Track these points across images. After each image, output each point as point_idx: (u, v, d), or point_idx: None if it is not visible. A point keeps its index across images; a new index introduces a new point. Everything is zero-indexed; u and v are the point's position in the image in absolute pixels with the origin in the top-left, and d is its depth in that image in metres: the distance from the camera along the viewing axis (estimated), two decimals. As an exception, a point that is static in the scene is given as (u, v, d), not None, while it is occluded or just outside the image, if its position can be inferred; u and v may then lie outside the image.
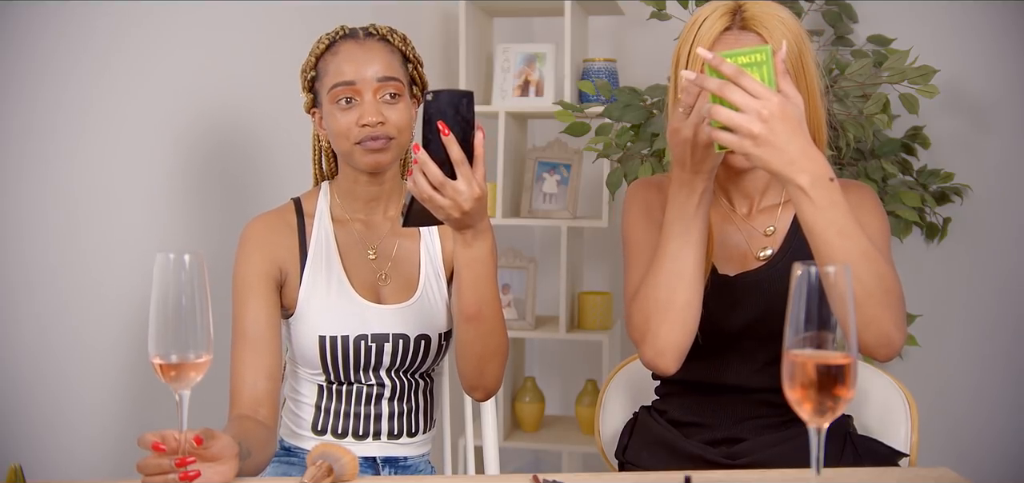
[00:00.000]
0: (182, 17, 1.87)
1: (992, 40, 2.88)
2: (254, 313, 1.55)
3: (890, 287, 1.32)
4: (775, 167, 1.24)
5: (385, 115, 1.55)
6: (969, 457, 2.90)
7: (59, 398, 1.64)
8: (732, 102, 1.22)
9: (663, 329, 1.42)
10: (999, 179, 2.89)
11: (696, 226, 1.39)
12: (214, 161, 1.99)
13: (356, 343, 1.57)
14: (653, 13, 2.61)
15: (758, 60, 1.25)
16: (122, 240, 1.75)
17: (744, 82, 1.22)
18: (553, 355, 3.46)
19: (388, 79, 1.56)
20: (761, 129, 1.21)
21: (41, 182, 1.60)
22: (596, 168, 3.12)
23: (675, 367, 1.44)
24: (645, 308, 1.43)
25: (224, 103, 2.01)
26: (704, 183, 1.38)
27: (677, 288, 1.40)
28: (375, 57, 1.57)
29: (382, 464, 1.63)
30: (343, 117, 1.55)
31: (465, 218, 1.35)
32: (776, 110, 1.21)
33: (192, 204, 1.93)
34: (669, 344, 1.42)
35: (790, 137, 1.23)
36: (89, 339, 1.69)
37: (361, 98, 1.55)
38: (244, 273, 1.57)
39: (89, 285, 1.69)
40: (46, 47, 1.60)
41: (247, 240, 1.59)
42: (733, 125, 1.22)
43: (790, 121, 1.23)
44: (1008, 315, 2.92)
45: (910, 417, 1.62)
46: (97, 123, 1.69)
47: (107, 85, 1.71)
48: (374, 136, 1.54)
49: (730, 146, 1.24)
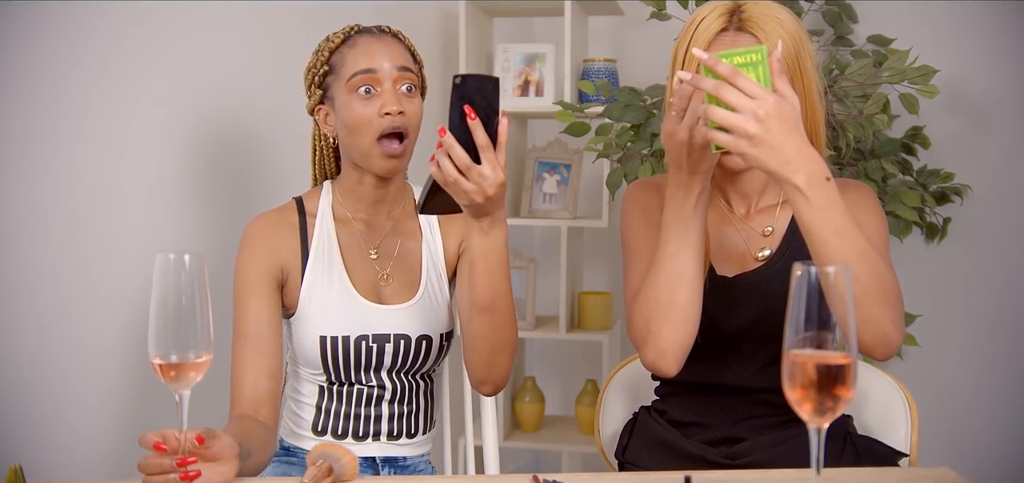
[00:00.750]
0: (182, 17, 1.87)
1: (992, 40, 2.88)
2: (256, 312, 1.55)
3: (888, 286, 1.32)
4: (771, 167, 1.24)
5: (405, 105, 1.55)
6: (969, 457, 2.91)
7: (59, 398, 1.64)
8: (728, 102, 1.22)
9: (664, 330, 1.42)
10: (999, 179, 2.89)
11: (694, 227, 1.39)
12: (214, 161, 1.99)
13: (357, 343, 1.57)
14: (653, 13, 2.61)
15: (754, 60, 1.25)
16: (122, 240, 1.75)
17: (740, 82, 1.22)
18: (553, 355, 3.46)
19: (407, 70, 1.56)
20: (757, 129, 1.21)
21: (41, 182, 1.60)
22: (596, 168, 3.12)
23: (677, 368, 1.44)
24: (646, 310, 1.43)
25: (224, 103, 2.01)
26: (701, 184, 1.38)
27: (677, 288, 1.40)
28: (393, 49, 1.57)
29: (382, 464, 1.63)
30: (363, 107, 1.54)
31: (487, 204, 1.34)
32: (772, 110, 1.22)
33: (192, 204, 1.93)
34: (671, 345, 1.42)
35: (786, 137, 1.23)
36: (89, 339, 1.69)
37: (381, 87, 1.54)
38: (245, 272, 1.57)
39: (89, 285, 1.69)
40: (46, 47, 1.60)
41: (248, 239, 1.59)
42: (729, 125, 1.23)
43: (786, 121, 1.23)
44: (1008, 315, 2.92)
45: (910, 417, 1.62)
46: (97, 123, 1.69)
47: (107, 85, 1.71)
48: (395, 126, 1.53)
49: (726, 146, 1.24)
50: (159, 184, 1.85)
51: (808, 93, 1.44)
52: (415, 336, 1.59)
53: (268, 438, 1.48)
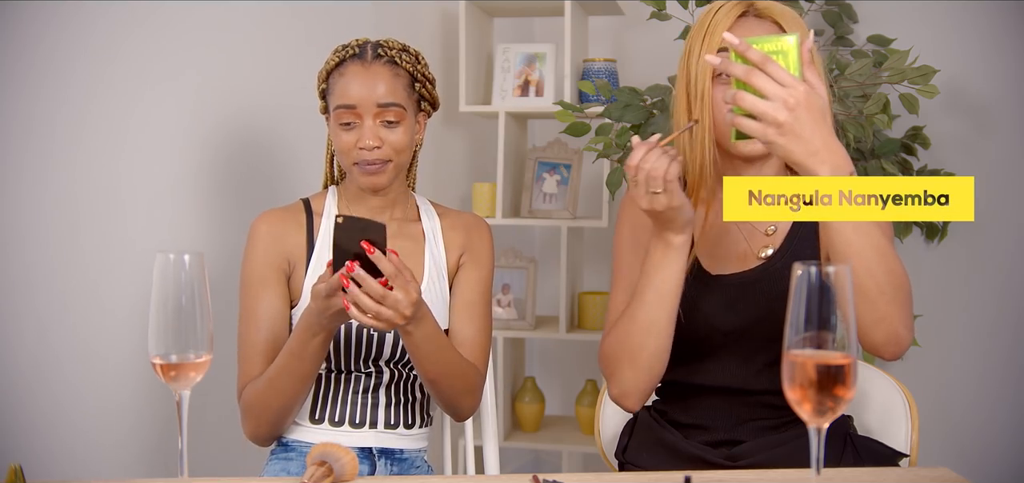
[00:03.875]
0: (181, 17, 1.87)
1: (992, 40, 2.88)
2: (267, 301, 1.59)
3: (901, 283, 1.32)
4: (798, 157, 1.22)
5: (383, 138, 1.60)
6: (969, 457, 2.90)
7: (59, 398, 1.64)
8: (758, 88, 1.20)
9: (628, 374, 1.46)
10: (999, 179, 2.88)
11: (671, 279, 1.41)
12: (214, 162, 1.99)
13: (358, 331, 1.59)
14: (653, 13, 2.61)
15: (783, 48, 1.23)
16: (122, 240, 1.75)
17: (771, 69, 1.20)
18: (553, 355, 3.46)
19: (389, 106, 1.60)
20: (787, 117, 1.20)
21: (41, 182, 1.60)
22: (596, 168, 3.12)
23: (637, 407, 1.51)
24: (615, 350, 1.47)
25: (224, 103, 2.01)
26: (679, 238, 1.39)
27: (648, 338, 1.44)
28: (379, 81, 1.60)
29: (378, 455, 1.64)
30: (344, 136, 1.60)
31: (407, 323, 1.41)
32: (802, 99, 1.20)
33: (192, 204, 1.93)
34: (632, 389, 1.47)
35: (815, 128, 1.21)
36: (89, 339, 1.69)
37: (361, 121, 1.59)
38: (254, 263, 1.61)
39: (89, 285, 1.69)
40: (46, 46, 1.60)
41: (257, 233, 1.63)
42: (758, 112, 1.21)
43: (815, 112, 1.21)
44: (1008, 315, 2.92)
45: (910, 417, 1.62)
46: (97, 123, 1.69)
47: (107, 85, 1.71)
48: (370, 160, 1.59)
49: (753, 133, 1.23)
50: (159, 184, 1.84)
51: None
52: None
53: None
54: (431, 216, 1.73)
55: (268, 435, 1.59)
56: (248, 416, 1.57)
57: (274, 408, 1.55)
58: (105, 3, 1.69)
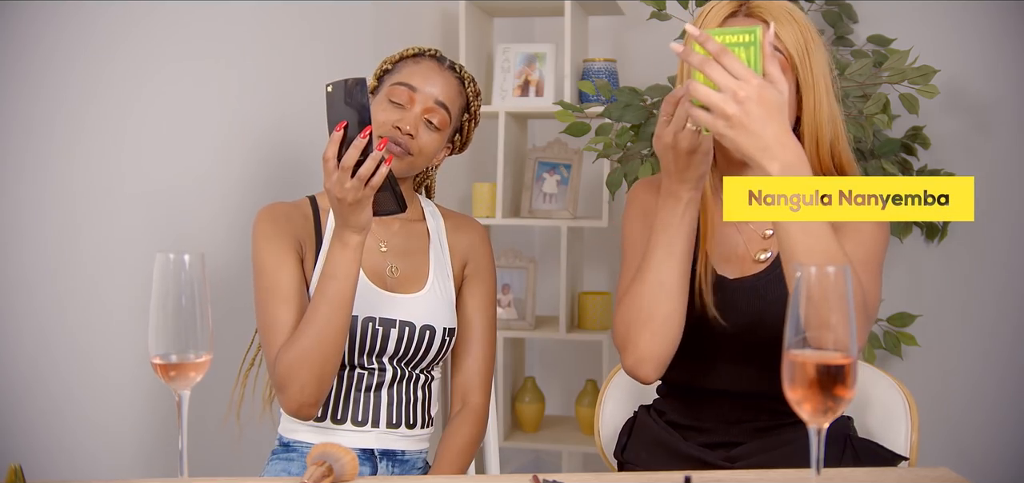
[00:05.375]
0: (181, 17, 1.87)
1: (992, 40, 2.88)
2: (288, 270, 1.58)
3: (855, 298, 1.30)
4: (747, 151, 1.21)
5: (419, 133, 1.63)
6: (969, 457, 2.90)
7: (58, 398, 1.64)
8: (712, 80, 1.20)
9: (643, 338, 1.43)
10: (999, 179, 2.88)
11: (680, 237, 1.40)
12: (214, 161, 1.99)
13: (363, 325, 1.59)
14: (653, 13, 2.61)
15: (746, 41, 1.22)
16: (121, 240, 1.75)
17: (726, 61, 1.20)
18: (553, 355, 3.46)
19: (440, 106, 1.64)
20: (735, 110, 1.19)
21: (41, 182, 1.60)
22: (596, 168, 3.12)
23: (655, 376, 1.46)
24: (627, 317, 1.44)
25: (224, 103, 2.01)
26: (689, 193, 1.37)
27: (659, 299, 1.41)
28: (445, 84, 1.66)
29: (379, 456, 1.63)
30: (387, 113, 1.63)
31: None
32: (754, 93, 1.19)
33: (192, 204, 1.93)
34: (649, 353, 1.43)
35: (765, 122, 1.20)
36: (89, 339, 1.69)
37: (410, 109, 1.63)
38: (270, 238, 1.59)
39: (88, 285, 1.69)
40: (46, 46, 1.60)
41: (268, 217, 1.62)
42: (709, 103, 1.20)
43: (768, 106, 1.20)
44: (1008, 315, 2.92)
45: (910, 418, 1.62)
46: (97, 123, 1.69)
47: (106, 85, 1.71)
48: (398, 140, 1.61)
49: (704, 124, 1.22)
50: (159, 184, 1.84)
51: (817, 89, 1.43)
52: (419, 325, 1.63)
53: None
54: (435, 216, 1.76)
55: (315, 393, 1.51)
56: (291, 381, 1.50)
57: (316, 357, 1.49)
58: (104, 3, 1.69)
